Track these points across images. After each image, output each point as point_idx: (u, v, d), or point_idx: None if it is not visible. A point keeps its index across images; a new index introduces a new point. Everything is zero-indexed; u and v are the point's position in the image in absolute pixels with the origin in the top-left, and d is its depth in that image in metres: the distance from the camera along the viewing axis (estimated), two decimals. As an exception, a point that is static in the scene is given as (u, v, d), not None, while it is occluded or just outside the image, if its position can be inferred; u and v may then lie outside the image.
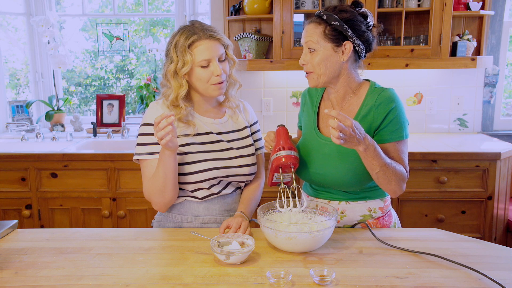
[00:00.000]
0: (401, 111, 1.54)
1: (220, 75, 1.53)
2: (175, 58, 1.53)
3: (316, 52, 1.50)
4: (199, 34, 1.51)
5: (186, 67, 1.51)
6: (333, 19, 1.48)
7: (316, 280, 1.19)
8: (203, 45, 1.51)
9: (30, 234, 1.58)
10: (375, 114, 1.52)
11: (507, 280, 1.19)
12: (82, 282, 1.22)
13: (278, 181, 1.58)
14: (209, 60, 1.51)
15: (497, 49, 3.13)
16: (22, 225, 2.79)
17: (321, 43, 1.49)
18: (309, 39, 1.51)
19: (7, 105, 3.44)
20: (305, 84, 1.58)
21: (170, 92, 1.56)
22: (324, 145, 1.59)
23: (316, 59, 1.50)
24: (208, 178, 1.58)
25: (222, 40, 1.55)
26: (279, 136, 1.56)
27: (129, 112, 3.76)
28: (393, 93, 1.55)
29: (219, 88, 1.55)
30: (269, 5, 2.90)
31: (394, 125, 1.52)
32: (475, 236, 2.38)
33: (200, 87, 1.56)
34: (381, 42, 2.95)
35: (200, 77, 1.53)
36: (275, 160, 1.53)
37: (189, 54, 1.50)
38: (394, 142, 1.53)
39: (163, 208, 1.60)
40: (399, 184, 1.50)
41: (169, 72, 1.54)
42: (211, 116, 1.66)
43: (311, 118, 1.67)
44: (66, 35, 3.79)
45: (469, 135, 3.14)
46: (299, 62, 1.55)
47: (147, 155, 1.56)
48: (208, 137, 1.61)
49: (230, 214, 1.67)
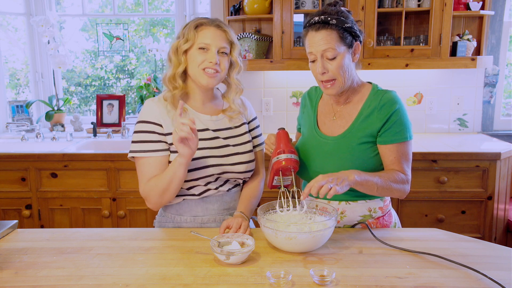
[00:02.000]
0: (404, 112, 1.55)
1: (214, 63, 1.54)
2: (181, 35, 1.58)
3: (336, 60, 1.49)
4: (209, 21, 1.58)
5: (187, 43, 1.55)
6: (343, 22, 1.49)
7: (316, 280, 1.19)
8: (208, 30, 1.55)
9: (30, 234, 1.58)
10: (378, 115, 1.53)
11: (507, 280, 1.19)
12: (82, 282, 1.22)
13: (279, 184, 1.58)
14: (208, 45, 1.54)
15: (497, 49, 3.13)
16: (22, 225, 2.79)
17: (340, 48, 1.49)
18: (328, 46, 1.47)
19: (7, 105, 3.44)
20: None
21: (169, 70, 1.60)
22: (324, 143, 1.60)
23: (338, 66, 1.49)
24: (204, 176, 1.58)
25: (228, 34, 1.58)
26: (280, 139, 1.57)
27: (129, 112, 3.76)
28: (396, 95, 1.56)
29: (209, 76, 1.55)
30: (269, 5, 2.90)
31: (398, 127, 1.52)
32: (475, 236, 2.37)
33: (192, 70, 1.57)
34: (381, 42, 2.95)
35: (195, 58, 1.55)
36: (276, 164, 1.53)
37: (194, 33, 1.55)
38: (397, 143, 1.53)
39: (157, 208, 1.61)
40: (399, 190, 1.52)
41: (172, 49, 1.59)
42: (208, 112, 1.65)
43: (311, 118, 1.68)
44: (66, 35, 3.79)
45: (469, 135, 3.14)
46: (317, 71, 1.50)
47: (143, 152, 1.56)
48: (204, 133, 1.61)
49: (229, 213, 1.67)
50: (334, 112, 1.64)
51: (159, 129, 1.56)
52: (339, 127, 1.61)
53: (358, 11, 2.77)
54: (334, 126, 1.62)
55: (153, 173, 1.56)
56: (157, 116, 1.57)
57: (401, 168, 1.54)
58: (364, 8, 2.77)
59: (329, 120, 1.64)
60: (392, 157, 1.52)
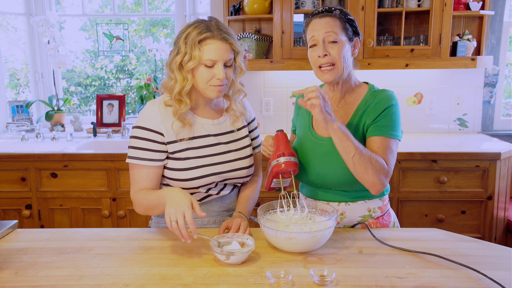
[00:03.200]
0: (397, 110, 1.54)
1: (222, 79, 1.48)
2: (183, 49, 1.48)
3: (338, 44, 1.50)
4: (213, 33, 1.47)
5: (192, 62, 1.46)
6: (346, 14, 1.53)
7: (316, 280, 1.19)
8: (213, 45, 1.46)
9: (30, 234, 1.58)
10: (372, 109, 1.53)
11: (507, 280, 1.19)
12: (82, 282, 1.22)
13: (277, 186, 1.57)
14: (215, 61, 1.47)
15: (497, 49, 3.13)
16: (22, 225, 2.79)
17: (342, 36, 1.50)
18: (330, 30, 1.49)
19: (7, 105, 3.44)
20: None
21: (173, 83, 1.52)
22: (320, 144, 1.59)
23: (339, 51, 1.49)
24: (205, 184, 1.56)
25: (234, 46, 1.50)
26: (279, 141, 1.54)
27: (129, 112, 3.76)
28: (392, 94, 1.57)
29: (218, 90, 1.51)
30: (269, 5, 2.90)
31: (387, 121, 1.50)
32: (475, 236, 2.38)
33: (200, 85, 1.52)
34: (381, 42, 2.95)
35: (202, 75, 1.49)
36: (275, 167, 1.51)
37: (198, 49, 1.45)
38: (383, 136, 1.49)
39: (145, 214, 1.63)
40: (377, 174, 1.43)
41: (174, 63, 1.50)
42: (209, 116, 1.62)
43: (306, 119, 1.67)
44: (66, 35, 3.78)
45: (469, 135, 3.14)
46: (318, 54, 1.49)
47: (138, 159, 1.53)
48: (206, 140, 1.58)
49: (229, 214, 1.67)
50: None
51: (160, 138, 1.53)
52: None
53: (358, 11, 2.77)
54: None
55: (144, 182, 1.54)
56: (158, 124, 1.52)
57: (385, 158, 1.48)
58: (364, 8, 2.77)
59: None
60: (376, 147, 1.48)
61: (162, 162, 1.55)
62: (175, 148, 1.54)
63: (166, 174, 1.57)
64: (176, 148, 1.54)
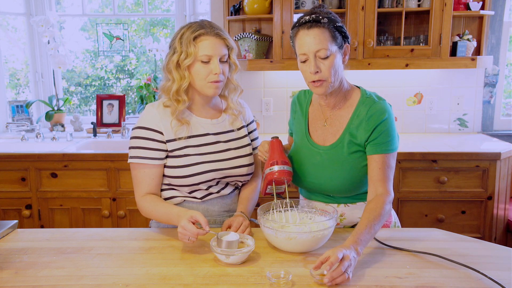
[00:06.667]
0: (391, 123, 1.51)
1: (219, 74, 1.52)
2: (178, 49, 1.52)
3: (329, 59, 1.45)
4: (206, 30, 1.52)
5: (189, 59, 1.51)
6: (334, 21, 1.47)
7: (316, 280, 1.19)
8: (208, 41, 1.51)
9: (30, 234, 1.58)
10: (366, 125, 1.50)
11: (507, 280, 1.19)
12: (82, 282, 1.23)
13: (271, 192, 1.58)
14: (210, 56, 1.51)
15: (497, 49, 3.13)
16: (22, 225, 2.79)
17: (332, 48, 1.45)
18: (321, 47, 1.43)
19: (7, 105, 3.44)
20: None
21: (170, 84, 1.55)
22: (316, 153, 1.58)
23: (330, 66, 1.45)
24: (205, 181, 1.58)
25: (227, 41, 1.56)
26: (273, 149, 1.54)
27: (129, 112, 3.76)
28: (385, 105, 1.52)
29: (215, 87, 1.54)
30: (269, 5, 2.90)
31: (385, 137, 1.49)
32: (475, 236, 2.37)
33: (197, 83, 1.55)
34: (381, 42, 2.95)
35: (199, 72, 1.52)
36: (269, 175, 1.52)
37: (193, 46, 1.50)
38: (383, 154, 1.49)
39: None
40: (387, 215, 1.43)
41: (171, 63, 1.54)
42: (208, 116, 1.64)
43: (302, 126, 1.65)
44: (66, 35, 3.79)
45: (469, 135, 3.14)
46: (310, 70, 1.45)
47: (139, 159, 1.55)
48: (205, 138, 1.60)
49: (229, 215, 1.68)
50: (325, 118, 1.60)
51: (160, 136, 1.55)
52: (330, 135, 1.58)
53: (358, 11, 2.77)
54: (326, 134, 1.59)
55: (147, 183, 1.57)
56: (157, 123, 1.56)
57: (385, 188, 1.46)
58: (364, 8, 2.77)
59: (321, 126, 1.61)
60: (377, 168, 1.48)
61: (163, 161, 1.57)
62: (174, 146, 1.56)
63: (167, 172, 1.58)
64: (175, 146, 1.56)
